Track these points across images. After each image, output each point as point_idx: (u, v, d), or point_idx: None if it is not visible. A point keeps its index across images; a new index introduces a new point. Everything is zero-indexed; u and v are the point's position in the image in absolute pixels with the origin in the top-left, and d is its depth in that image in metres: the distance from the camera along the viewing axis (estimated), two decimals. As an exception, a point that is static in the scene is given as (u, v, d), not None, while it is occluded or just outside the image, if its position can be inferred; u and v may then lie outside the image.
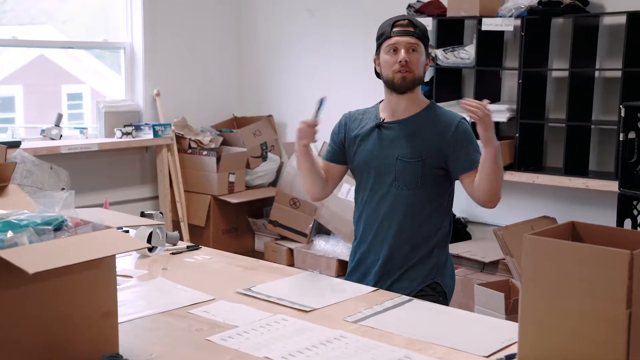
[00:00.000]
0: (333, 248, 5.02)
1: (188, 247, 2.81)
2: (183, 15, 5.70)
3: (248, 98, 6.09)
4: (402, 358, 1.81)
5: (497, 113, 4.52)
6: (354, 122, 2.71)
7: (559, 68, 4.46)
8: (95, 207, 2.18)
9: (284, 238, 5.36)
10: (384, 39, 2.57)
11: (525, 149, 4.46)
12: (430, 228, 2.60)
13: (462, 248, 4.53)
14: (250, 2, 6.00)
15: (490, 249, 4.46)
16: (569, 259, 1.57)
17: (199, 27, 5.82)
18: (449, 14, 4.65)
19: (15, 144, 4.51)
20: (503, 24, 4.42)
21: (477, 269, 4.44)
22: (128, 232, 2.59)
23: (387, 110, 2.64)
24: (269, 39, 5.91)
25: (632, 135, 3.73)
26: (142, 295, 2.27)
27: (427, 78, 4.38)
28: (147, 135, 5.28)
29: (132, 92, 5.55)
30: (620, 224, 3.80)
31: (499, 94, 4.75)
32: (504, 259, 4.27)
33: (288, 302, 2.20)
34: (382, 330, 2.00)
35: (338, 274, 4.76)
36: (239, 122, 5.96)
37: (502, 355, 1.83)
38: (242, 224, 5.66)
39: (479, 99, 4.56)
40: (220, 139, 5.60)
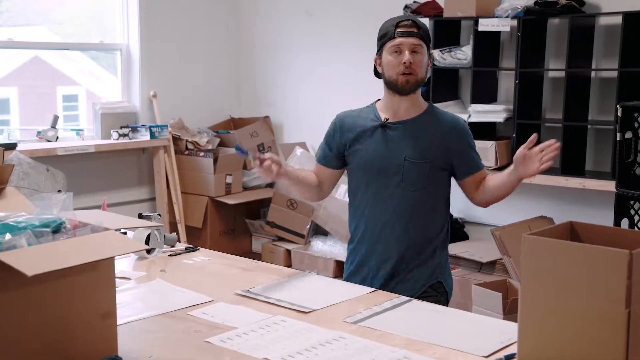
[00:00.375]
0: (330, 249, 5.02)
1: (186, 248, 2.81)
2: (179, 17, 5.70)
3: (245, 99, 6.09)
4: (401, 359, 1.81)
5: (493, 113, 4.54)
6: (350, 122, 2.67)
7: (556, 68, 4.46)
8: (93, 209, 2.18)
9: (282, 239, 5.36)
10: (387, 39, 2.53)
11: (522, 149, 4.46)
12: (434, 228, 2.60)
13: (459, 248, 4.54)
14: (248, 3, 6.00)
15: (488, 249, 4.46)
16: (568, 259, 1.57)
17: (196, 28, 5.82)
18: (446, 15, 4.65)
19: (11, 146, 4.50)
20: (499, 25, 4.43)
21: (474, 269, 4.44)
22: (126, 233, 2.58)
23: (387, 111, 2.61)
24: (266, 40, 5.91)
25: (629, 135, 3.74)
26: (140, 297, 2.26)
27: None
28: (143, 137, 5.27)
29: (128, 93, 5.54)
30: (618, 224, 3.80)
31: (496, 95, 4.76)
32: (502, 259, 4.27)
33: (287, 303, 2.20)
34: (381, 331, 2.00)
35: (335, 275, 4.76)
36: (236, 123, 5.95)
37: (501, 356, 1.83)
38: (239, 226, 5.66)
39: (476, 99, 4.63)
40: (217, 140, 5.60)
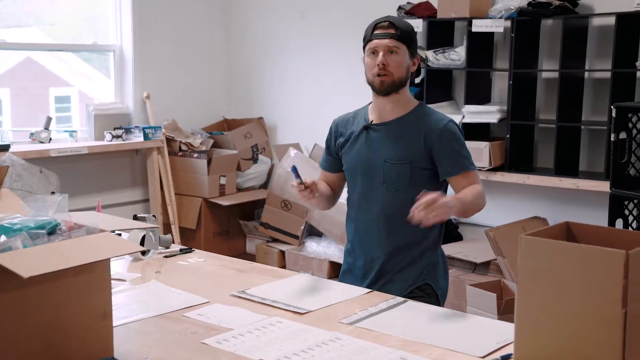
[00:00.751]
0: (325, 250, 5.02)
1: (181, 250, 2.80)
2: (173, 18, 5.69)
3: (238, 100, 6.08)
4: (398, 359, 1.81)
5: (487, 114, 4.55)
6: (344, 126, 2.69)
7: (549, 69, 4.47)
8: (86, 210, 2.18)
9: (276, 240, 5.35)
10: (366, 42, 2.57)
11: (516, 150, 4.48)
12: (421, 229, 2.56)
13: (453, 249, 4.54)
14: (241, 4, 6.00)
15: (482, 250, 4.47)
16: (565, 260, 1.58)
17: (189, 29, 5.81)
18: (439, 16, 4.66)
19: (4, 148, 4.48)
20: (493, 25, 4.44)
21: (468, 270, 4.45)
22: (120, 235, 2.57)
23: (374, 112, 2.62)
24: (260, 41, 5.90)
25: (623, 136, 3.75)
26: (136, 299, 2.26)
27: (418, 79, 4.39)
28: (137, 138, 5.26)
29: (121, 94, 5.52)
30: (612, 224, 3.81)
31: (490, 95, 4.76)
32: (496, 260, 4.28)
33: (282, 304, 2.20)
34: (377, 332, 2.00)
35: (330, 276, 4.76)
36: (230, 124, 5.95)
37: (497, 356, 1.83)
38: (233, 227, 5.65)
39: (469, 100, 4.64)
40: (211, 142, 5.59)
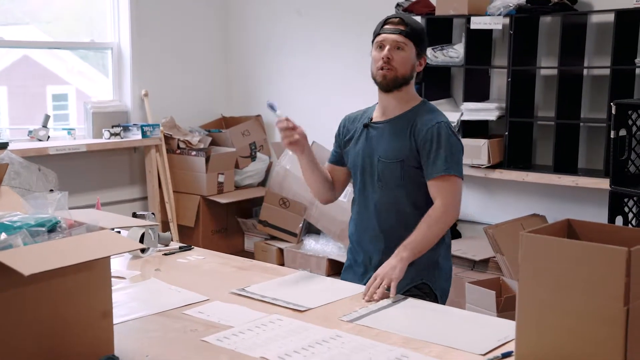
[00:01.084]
0: (323, 247, 5.02)
1: (180, 247, 2.80)
2: (171, 15, 5.68)
3: (236, 98, 6.07)
4: (399, 357, 1.81)
5: (486, 111, 4.54)
6: (352, 122, 2.69)
7: (548, 66, 4.47)
8: (85, 208, 2.17)
9: (274, 238, 5.35)
10: (375, 36, 2.57)
11: (515, 147, 4.48)
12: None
13: (452, 246, 4.50)
14: (239, 2, 5.98)
15: (481, 247, 4.47)
16: (567, 257, 1.58)
17: (187, 26, 5.80)
18: (438, 13, 4.65)
19: (2, 146, 4.48)
20: (492, 23, 4.43)
21: (467, 267, 4.45)
22: (119, 233, 2.57)
23: (379, 110, 2.63)
24: (257, 39, 5.89)
25: (622, 133, 3.74)
26: (135, 297, 2.25)
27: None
28: (135, 136, 5.25)
29: (119, 92, 5.51)
30: (612, 221, 3.81)
31: (488, 93, 4.76)
32: (495, 257, 4.28)
33: (283, 302, 2.20)
34: (377, 330, 2.00)
35: (329, 273, 4.75)
36: (228, 122, 5.94)
37: (498, 353, 1.83)
38: (231, 224, 5.64)
39: (468, 98, 4.63)
40: (209, 139, 5.58)
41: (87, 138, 5.23)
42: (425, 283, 2.57)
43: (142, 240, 2.62)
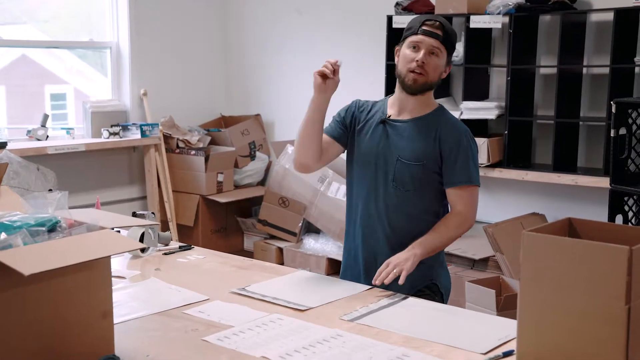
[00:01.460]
0: (323, 246, 5.01)
1: (180, 247, 2.79)
2: (170, 15, 5.67)
3: (235, 97, 6.07)
4: (400, 356, 1.81)
5: (485, 110, 4.54)
6: (362, 112, 2.62)
7: (547, 65, 4.46)
8: (84, 207, 2.16)
9: (273, 237, 5.34)
10: (410, 34, 2.50)
11: (514, 146, 4.48)
12: (427, 229, 2.54)
13: (452, 245, 4.46)
14: (238, 1, 5.98)
15: (480, 246, 4.46)
16: (568, 256, 1.57)
17: (186, 26, 5.79)
18: (437, 12, 4.64)
19: (1, 145, 4.47)
20: (491, 22, 4.43)
21: (467, 266, 4.44)
22: (119, 232, 2.56)
23: (394, 107, 2.58)
24: (257, 38, 5.89)
25: (622, 132, 3.74)
26: (136, 296, 2.25)
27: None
28: (134, 135, 5.24)
29: (118, 92, 5.51)
30: (612, 220, 3.80)
31: (488, 91, 4.76)
32: (494, 256, 4.28)
33: (283, 301, 2.19)
34: (378, 329, 1.99)
35: (328, 273, 4.75)
36: (227, 121, 5.93)
37: (499, 352, 1.83)
38: (231, 224, 5.64)
39: (468, 97, 4.63)
40: (208, 139, 5.58)
41: (85, 137, 5.22)
42: (435, 283, 2.58)
43: (142, 240, 2.62)
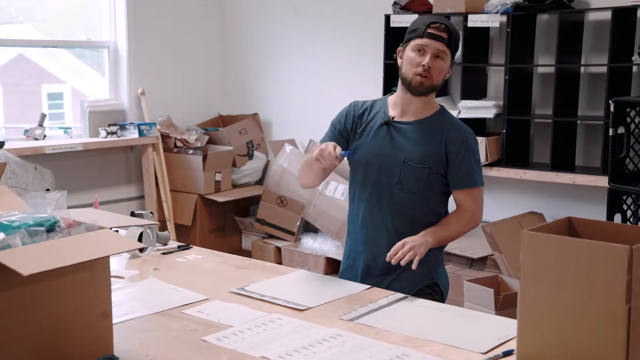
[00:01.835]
0: (321, 246, 5.01)
1: (179, 246, 2.79)
2: (167, 14, 5.66)
3: (233, 96, 6.06)
4: (399, 356, 1.81)
5: (483, 109, 4.54)
6: (363, 113, 2.61)
7: (545, 64, 4.47)
8: (82, 207, 2.16)
9: (272, 236, 5.33)
10: (415, 36, 2.49)
11: (512, 145, 4.48)
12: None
13: (450, 244, 4.49)
14: (235, 0, 5.97)
15: (479, 245, 4.46)
16: (568, 255, 1.57)
17: (184, 25, 5.78)
18: (435, 11, 4.64)
19: (-1, 145, 4.45)
20: (489, 20, 4.43)
21: (465, 265, 4.44)
22: (117, 232, 2.56)
23: (397, 108, 2.57)
24: (254, 37, 5.88)
25: (621, 130, 3.74)
26: (134, 296, 2.24)
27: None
28: (132, 135, 5.23)
29: (116, 91, 5.50)
30: (610, 219, 3.81)
31: (485, 90, 4.75)
32: (493, 255, 4.28)
33: (282, 301, 2.19)
34: (378, 328, 1.99)
35: (326, 272, 4.75)
36: (225, 120, 5.93)
37: (499, 352, 1.83)
38: (229, 223, 5.63)
39: (465, 95, 4.63)
40: (206, 138, 5.57)
41: (83, 137, 5.21)
42: (436, 282, 2.58)
43: (140, 240, 2.61)
